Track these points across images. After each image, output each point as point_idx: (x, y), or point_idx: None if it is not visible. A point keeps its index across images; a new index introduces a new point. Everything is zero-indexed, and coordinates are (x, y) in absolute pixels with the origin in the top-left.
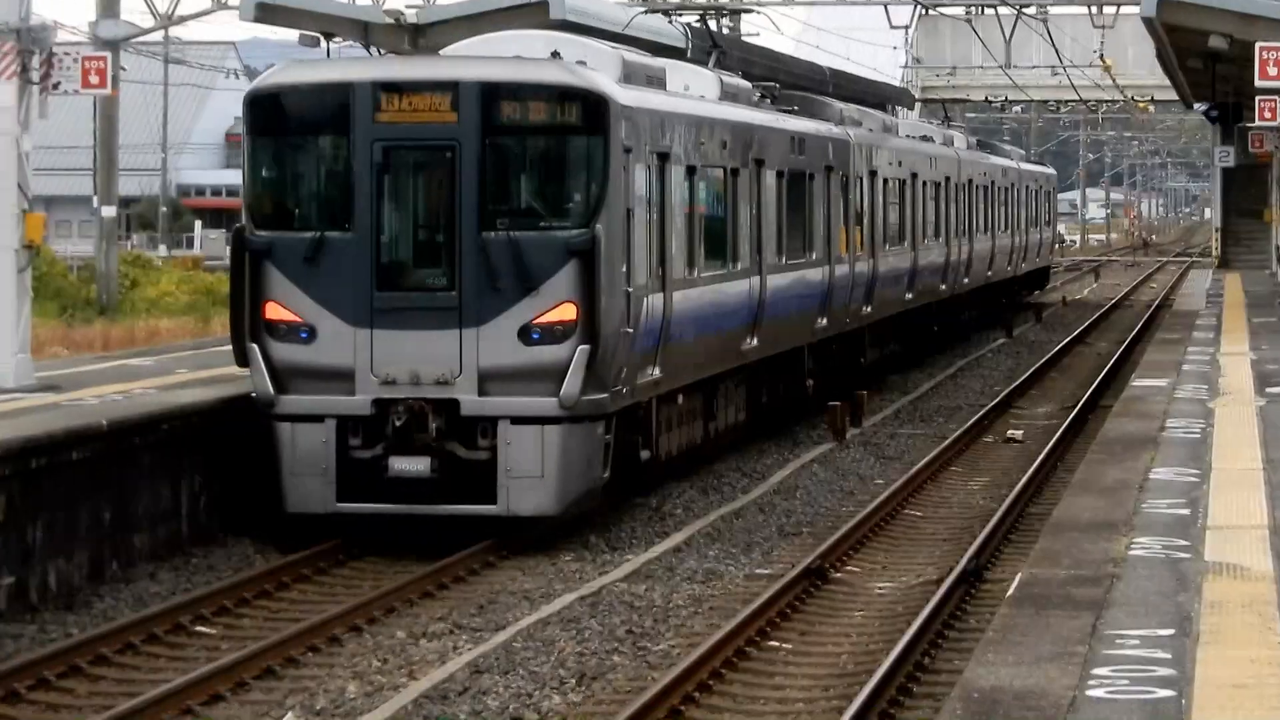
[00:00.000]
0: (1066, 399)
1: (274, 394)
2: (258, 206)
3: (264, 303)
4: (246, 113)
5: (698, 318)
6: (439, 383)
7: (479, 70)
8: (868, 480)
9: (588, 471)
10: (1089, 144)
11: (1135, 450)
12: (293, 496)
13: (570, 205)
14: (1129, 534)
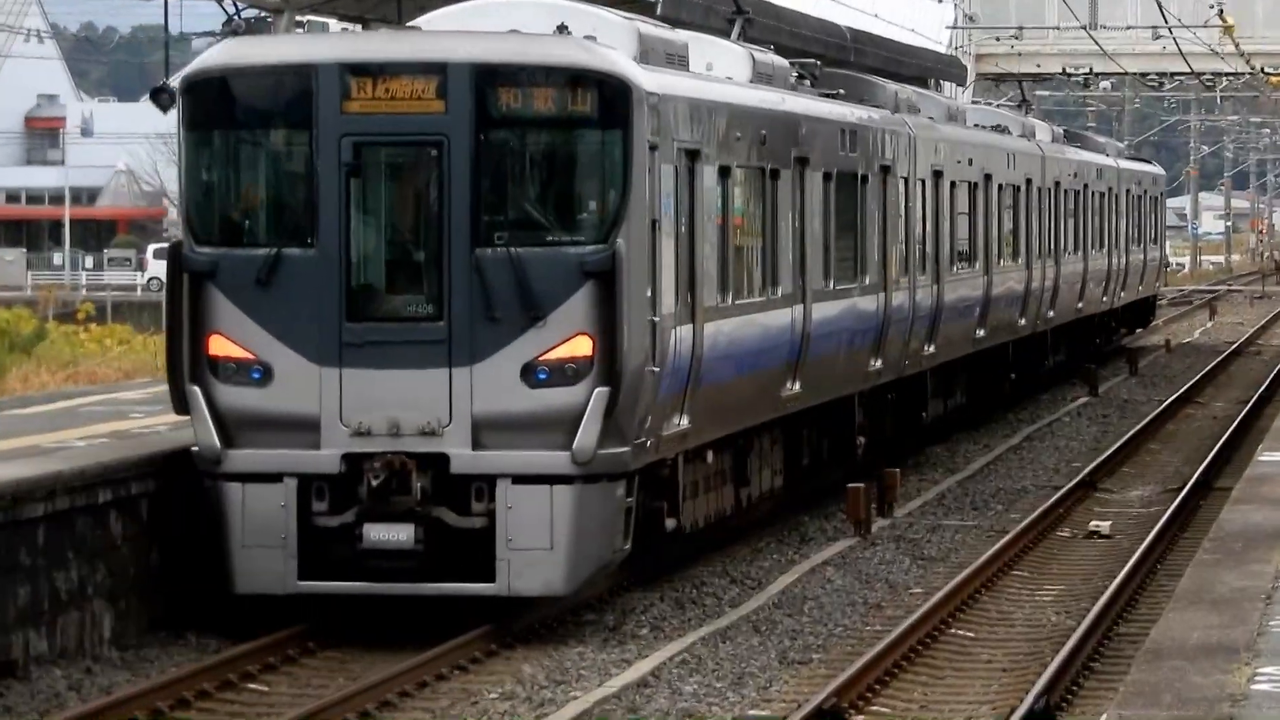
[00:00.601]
0: (1170, 479)
1: (220, 448)
2: (198, 217)
3: (207, 335)
4: (182, 101)
5: (732, 355)
6: (424, 433)
7: (472, 48)
8: (900, 589)
9: (605, 542)
10: (1202, 133)
11: (1262, 548)
12: (243, 574)
13: (584, 215)
14: (1252, 661)
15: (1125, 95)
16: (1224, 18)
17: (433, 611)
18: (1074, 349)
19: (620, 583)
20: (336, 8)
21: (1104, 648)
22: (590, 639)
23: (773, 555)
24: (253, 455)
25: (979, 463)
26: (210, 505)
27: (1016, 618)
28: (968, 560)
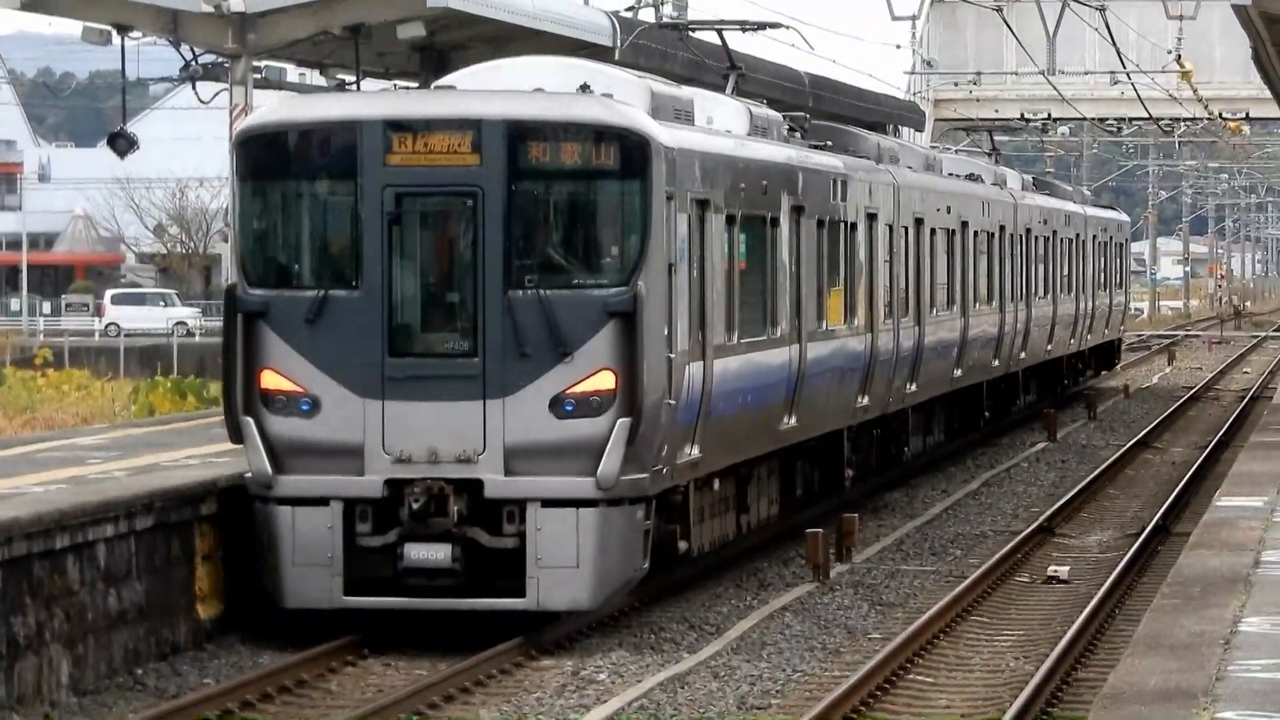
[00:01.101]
0: (1128, 524)
1: (272, 474)
2: (251, 261)
3: (260, 370)
4: (237, 155)
5: (737, 390)
6: (460, 460)
7: (504, 106)
8: (859, 635)
9: (626, 561)
10: (1161, 178)
11: (1220, 593)
12: (293, 590)
13: (608, 260)
14: (1210, 706)
15: (1083, 140)
16: (1182, 63)
17: (469, 625)
18: (1043, 389)
19: (578, 628)
20: (294, 53)
21: (1062, 693)
22: (548, 684)
23: (731, 600)
24: (302, 481)
25: (937, 508)
26: (261, 526)
27: (975, 663)
28: (926, 605)
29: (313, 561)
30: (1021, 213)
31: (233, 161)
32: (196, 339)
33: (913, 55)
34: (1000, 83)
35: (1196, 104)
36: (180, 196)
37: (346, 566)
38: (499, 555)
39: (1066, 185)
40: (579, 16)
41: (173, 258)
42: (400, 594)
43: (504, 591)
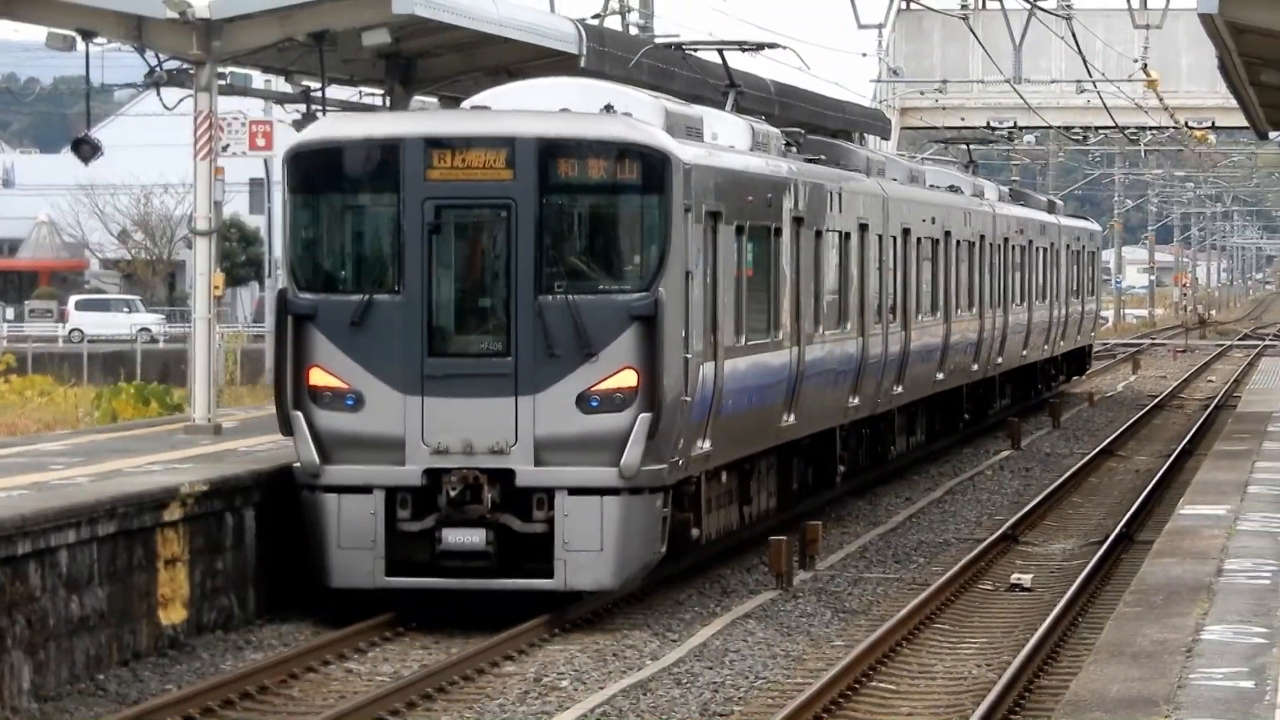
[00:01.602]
0: (1091, 532)
1: (319, 464)
2: (301, 268)
3: (308, 368)
4: (287, 169)
5: (743, 389)
6: (494, 452)
7: (535, 125)
8: (822, 642)
9: (646, 545)
10: (1127, 186)
11: (1183, 601)
12: (339, 571)
13: (630, 267)
14: (1172, 714)
15: (1049, 149)
16: (1148, 72)
17: (500, 604)
18: (1019, 393)
19: (540, 635)
20: (259, 60)
21: (1025, 701)
22: (510, 690)
23: (694, 608)
24: (347, 470)
25: (901, 515)
26: (309, 513)
27: (938, 670)
28: (889, 613)
29: (357, 545)
30: (999, 223)
31: (283, 176)
32: (160, 345)
33: (879, 63)
34: (966, 91)
35: (1162, 113)
36: (145, 203)
37: (388, 549)
38: (529, 539)
39: (1040, 196)
40: (545, 24)
41: (137, 264)
42: (438, 575)
43: (533, 573)
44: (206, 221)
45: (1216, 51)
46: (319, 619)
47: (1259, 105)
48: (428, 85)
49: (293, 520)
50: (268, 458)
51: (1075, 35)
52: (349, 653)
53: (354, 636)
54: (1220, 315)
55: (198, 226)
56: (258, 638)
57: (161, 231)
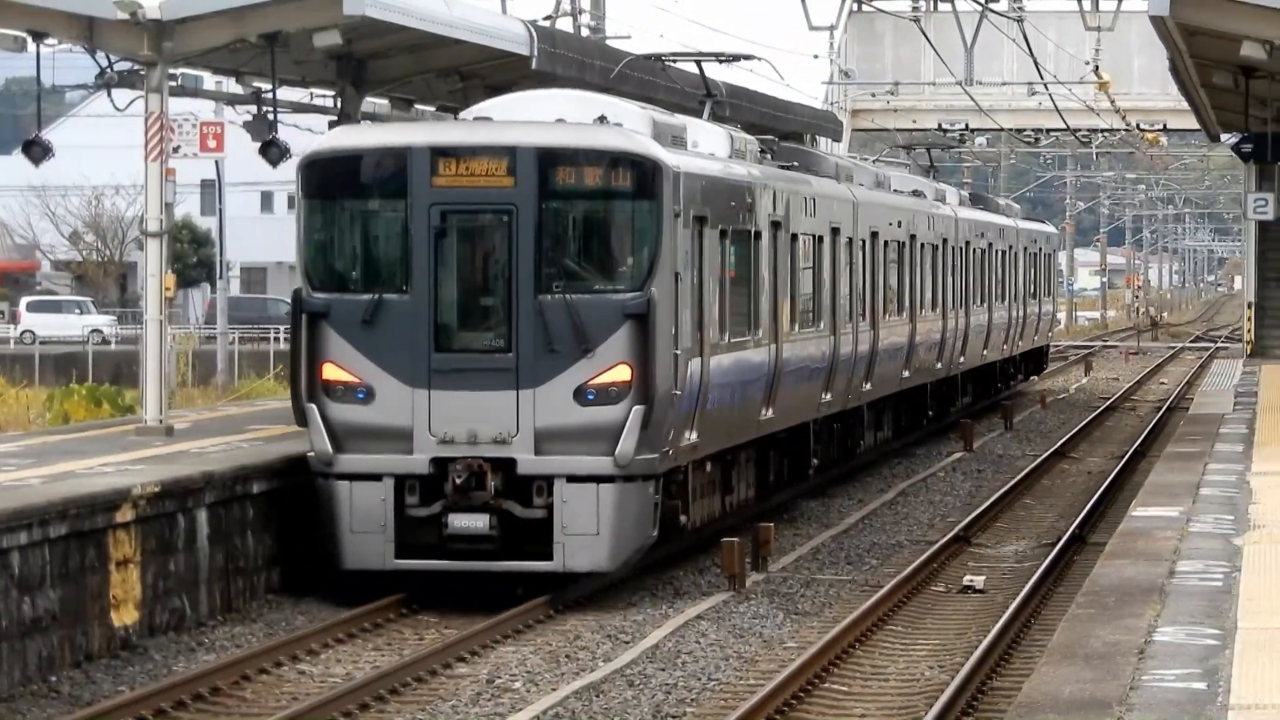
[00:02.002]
0: (1044, 534)
1: (332, 453)
2: (314, 269)
3: (321, 363)
4: (301, 176)
5: (727, 384)
6: (496, 442)
7: (535, 135)
8: (774, 644)
9: (640, 530)
10: (1078, 188)
11: (1134, 603)
12: (351, 554)
13: (624, 269)
14: (1124, 716)
15: (1001, 151)
16: (1100, 74)
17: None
18: (979, 391)
19: (492, 638)
20: (211, 61)
21: (978, 702)
22: (463, 692)
23: (646, 609)
24: (358, 459)
25: (853, 517)
26: (322, 499)
27: (890, 672)
28: (842, 614)
29: (368, 529)
30: (961, 226)
31: (297, 182)
32: (112, 346)
33: (830, 65)
34: (918, 93)
35: (1114, 115)
36: (96, 204)
37: (397, 533)
38: (530, 524)
39: (999, 199)
40: (496, 26)
41: (88, 265)
42: (444, 557)
43: (534, 555)
44: (157, 223)
45: (1168, 54)
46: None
47: (1210, 107)
48: (379, 87)
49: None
50: (220, 459)
51: (1027, 37)
52: (302, 654)
53: (308, 637)
54: (1172, 317)
55: (149, 228)
56: (210, 639)
57: (113, 233)
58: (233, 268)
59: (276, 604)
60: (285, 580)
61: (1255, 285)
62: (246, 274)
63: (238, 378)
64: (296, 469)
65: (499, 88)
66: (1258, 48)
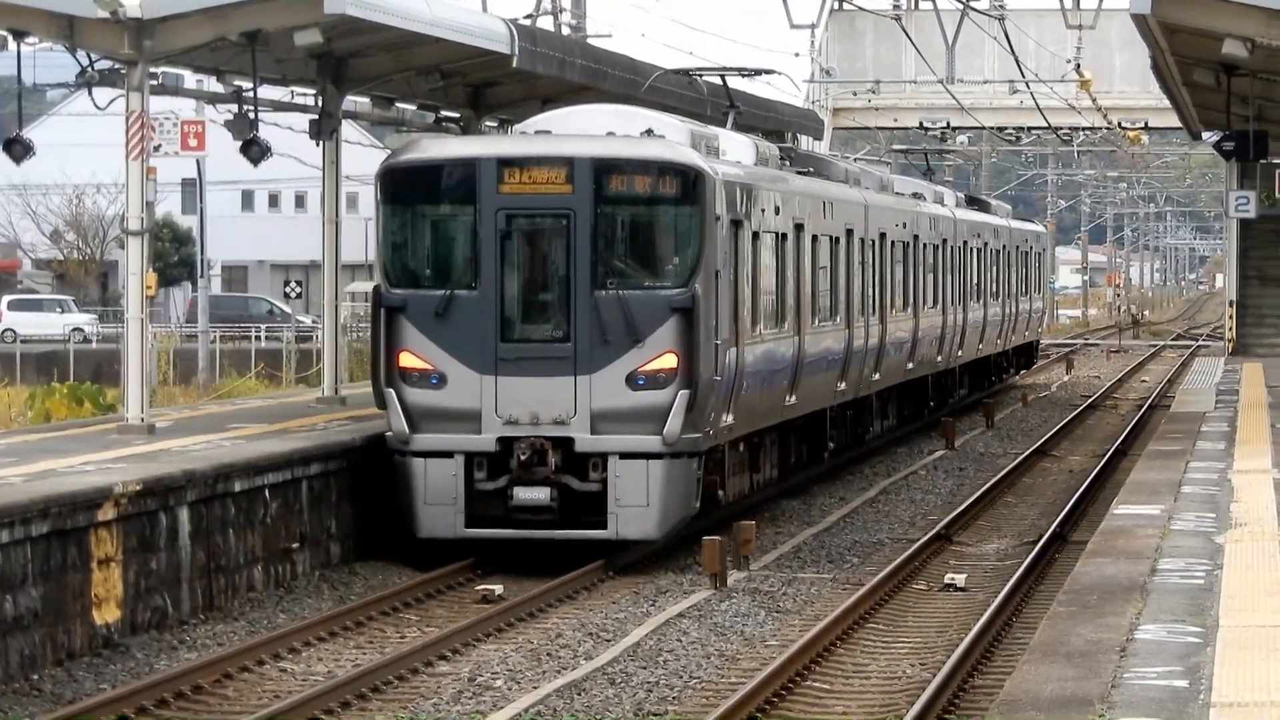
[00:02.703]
0: (1025, 532)
1: (409, 433)
2: (392, 268)
3: (398, 352)
4: (380, 184)
5: (759, 371)
6: (556, 422)
7: (591, 147)
8: (755, 641)
9: (684, 502)
10: (1060, 187)
11: (1116, 601)
12: (425, 524)
13: (670, 267)
14: (1106, 714)
15: (983, 149)
16: (1081, 72)
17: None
18: (975, 384)
19: (473, 635)
20: (191, 60)
21: (959, 700)
22: (444, 690)
23: (628, 607)
24: (432, 438)
25: (835, 515)
26: (399, 475)
27: (872, 670)
28: (823, 613)
29: (440, 501)
30: (959, 227)
31: (376, 190)
32: (93, 345)
33: (811, 63)
34: (899, 91)
35: (1095, 113)
36: (77, 203)
37: (467, 505)
38: (586, 496)
39: (992, 200)
40: (477, 24)
41: (69, 264)
42: (509, 526)
43: (590, 525)
44: (138, 221)
45: (1149, 52)
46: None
47: (1192, 105)
48: (360, 85)
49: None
50: (201, 457)
51: (1008, 36)
52: (283, 652)
53: (289, 635)
54: (1153, 315)
55: (130, 226)
56: (192, 637)
57: (94, 232)
58: (213, 266)
59: (258, 602)
60: (263, 579)
61: (1237, 283)
62: (227, 272)
63: (219, 376)
64: (280, 465)
65: (480, 86)
66: (1239, 45)
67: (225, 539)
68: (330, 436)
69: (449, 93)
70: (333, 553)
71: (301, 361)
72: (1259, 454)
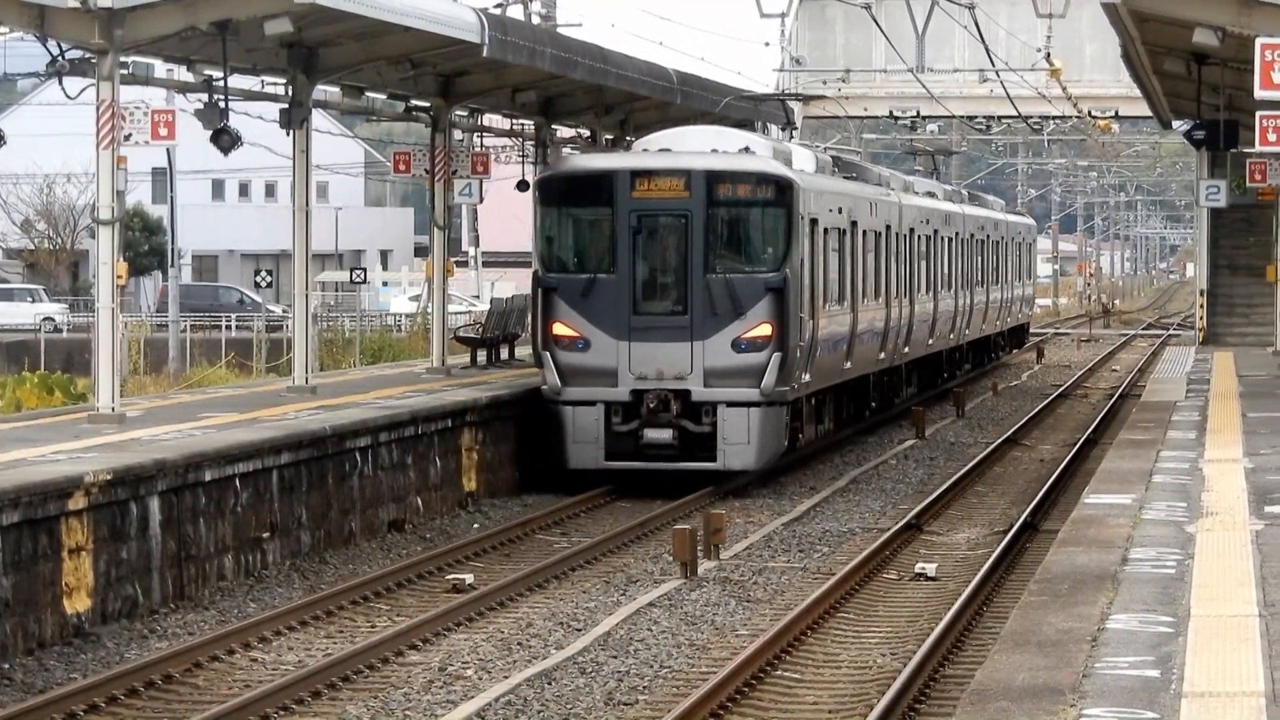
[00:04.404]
0: (996, 521)
1: (560, 386)
2: (548, 257)
3: (552, 323)
4: (539, 190)
5: (828, 339)
6: (677, 378)
7: (704, 162)
8: (726, 631)
9: (776, 440)
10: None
11: (1087, 590)
12: (573, 457)
13: (766, 255)
14: (1078, 703)
15: (953, 138)
16: (1051, 61)
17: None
18: (978, 359)
19: (444, 625)
20: (162, 49)
21: (930, 690)
22: (415, 680)
23: (599, 596)
24: (579, 391)
25: (805, 505)
26: (552, 420)
27: (843, 659)
28: (794, 602)
29: (586, 440)
30: (969, 221)
31: (534, 195)
32: (64, 334)
33: (781, 52)
34: (869, 80)
35: (1066, 102)
36: (47, 192)
37: (606, 443)
38: (700, 436)
39: (988, 196)
40: (447, 13)
41: (40, 253)
42: (640, 459)
43: (703, 458)
44: (109, 211)
45: (1120, 40)
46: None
47: (1162, 94)
48: (330, 74)
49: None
50: (172, 446)
51: (978, 24)
52: (254, 641)
53: (260, 624)
54: (1124, 304)
55: (100, 216)
56: (163, 626)
57: (64, 221)
58: (184, 256)
59: (229, 591)
60: (234, 568)
61: (1207, 273)
62: (198, 262)
63: (189, 365)
64: (250, 455)
65: (450, 75)
66: (1209, 34)
67: (196, 528)
68: (301, 425)
69: (419, 82)
70: (303, 542)
71: (272, 351)
72: (1230, 443)
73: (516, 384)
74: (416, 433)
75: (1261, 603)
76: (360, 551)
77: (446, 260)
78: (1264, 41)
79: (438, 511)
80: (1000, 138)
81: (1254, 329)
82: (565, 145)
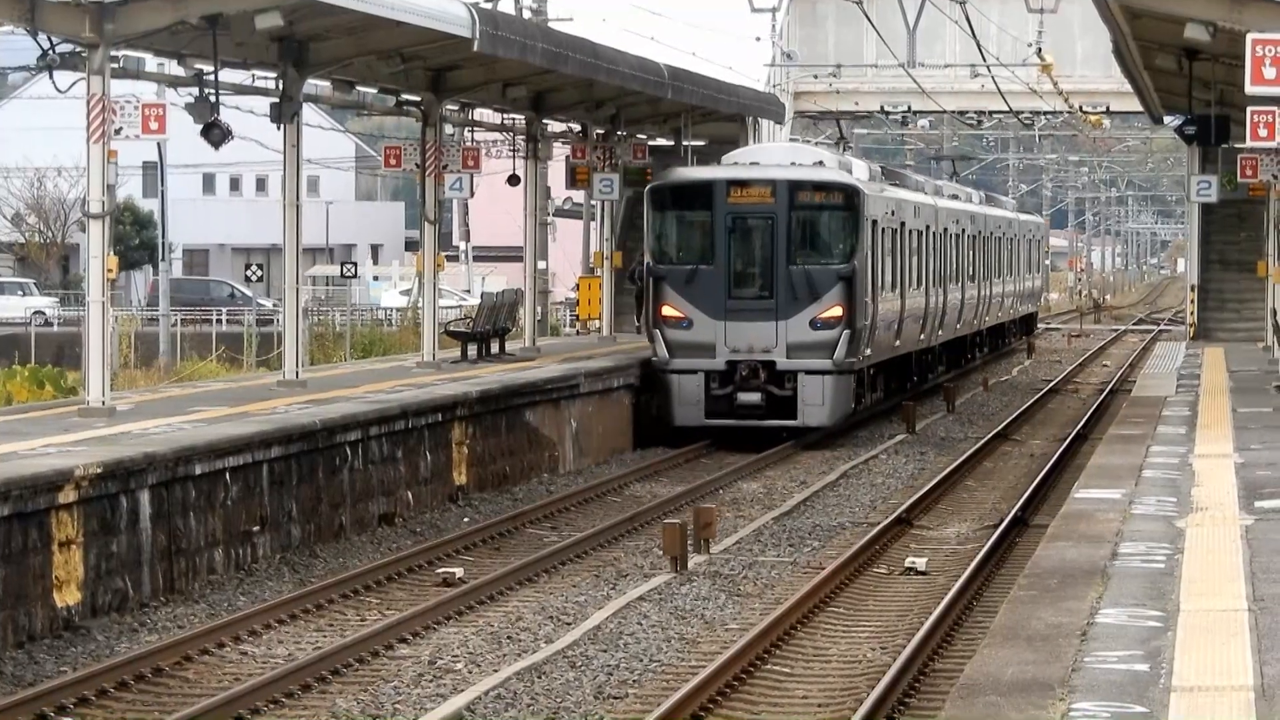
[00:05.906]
0: (986, 516)
1: (668, 358)
2: (657, 251)
3: (661, 305)
4: (650, 196)
5: (884, 320)
6: (764, 351)
7: (786, 173)
8: (716, 625)
9: (845, 403)
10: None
11: (1077, 585)
12: (679, 416)
13: (838, 250)
14: (1067, 698)
15: (944, 133)
16: (1042, 56)
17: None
18: (994, 343)
19: (434, 618)
20: (152, 43)
21: (919, 684)
22: (405, 673)
23: (589, 590)
24: (683, 362)
25: (796, 499)
26: (662, 386)
27: (832, 654)
28: (784, 596)
29: (689, 402)
30: (989, 221)
31: (647, 201)
32: (54, 328)
33: (772, 47)
34: (860, 75)
35: (1057, 97)
36: (38, 186)
37: (706, 404)
38: (783, 399)
39: (1001, 196)
40: (438, 8)
41: (30, 247)
42: (734, 418)
43: (786, 416)
44: (100, 205)
45: (1111, 36)
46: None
47: (1153, 89)
48: (321, 68)
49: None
50: (163, 440)
51: (969, 19)
52: (244, 635)
53: (250, 618)
54: (1115, 300)
55: (91, 210)
56: (153, 620)
57: (55, 215)
58: (175, 250)
59: (219, 584)
60: (224, 561)
61: (1198, 268)
62: (189, 256)
63: (180, 359)
64: (241, 449)
65: (441, 70)
66: (1201, 29)
67: (186, 522)
68: (291, 419)
69: (410, 76)
70: (293, 535)
71: (262, 344)
72: (1220, 439)
73: (507, 379)
74: (407, 427)
75: (1251, 597)
76: (350, 545)
77: (437, 255)
78: (1255, 37)
79: (428, 505)
80: (991, 133)
81: (1245, 324)
82: (556, 140)
